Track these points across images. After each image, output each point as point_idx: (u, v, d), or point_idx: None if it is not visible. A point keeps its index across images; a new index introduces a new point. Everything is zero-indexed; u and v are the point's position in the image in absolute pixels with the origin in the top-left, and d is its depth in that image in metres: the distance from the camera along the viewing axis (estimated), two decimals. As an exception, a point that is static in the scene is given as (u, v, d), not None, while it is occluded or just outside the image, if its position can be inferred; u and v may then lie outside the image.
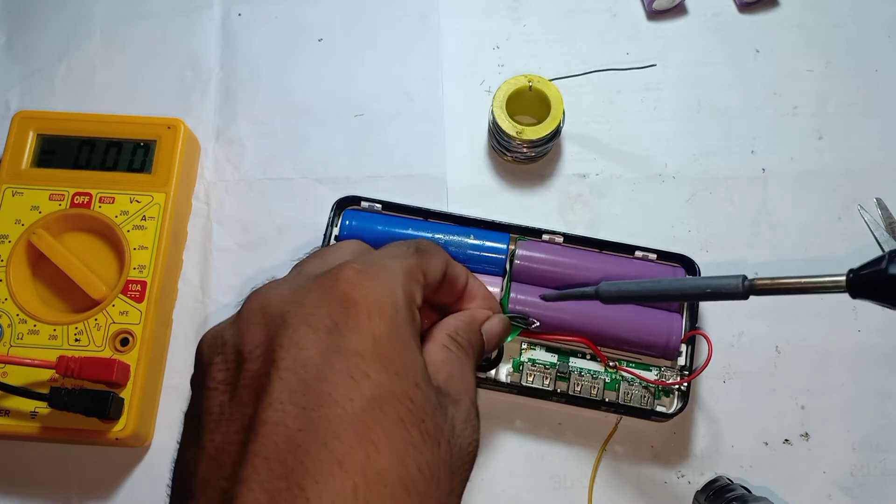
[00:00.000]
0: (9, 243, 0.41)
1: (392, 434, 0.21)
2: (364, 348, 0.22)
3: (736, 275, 0.28)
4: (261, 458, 0.20)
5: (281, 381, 0.21)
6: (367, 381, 0.21)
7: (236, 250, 0.44)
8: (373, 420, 0.21)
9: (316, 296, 0.23)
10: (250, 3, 0.50)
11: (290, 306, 0.23)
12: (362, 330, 0.22)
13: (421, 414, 0.22)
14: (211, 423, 0.21)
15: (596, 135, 0.47)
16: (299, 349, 0.21)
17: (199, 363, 0.24)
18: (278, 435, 0.20)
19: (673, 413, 0.38)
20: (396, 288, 0.24)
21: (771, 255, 0.44)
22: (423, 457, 0.21)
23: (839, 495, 0.40)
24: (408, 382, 0.22)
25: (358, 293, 0.23)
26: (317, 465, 0.19)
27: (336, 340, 0.22)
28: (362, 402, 0.21)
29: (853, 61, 0.48)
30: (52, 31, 0.49)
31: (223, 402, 0.22)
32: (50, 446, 0.40)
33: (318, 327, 0.22)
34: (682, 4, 0.49)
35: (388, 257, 0.25)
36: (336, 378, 0.21)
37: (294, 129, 0.47)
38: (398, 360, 0.22)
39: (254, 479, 0.19)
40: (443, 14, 0.50)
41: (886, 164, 0.46)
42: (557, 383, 0.39)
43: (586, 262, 0.41)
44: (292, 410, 0.20)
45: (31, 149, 0.43)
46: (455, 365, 0.27)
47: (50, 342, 0.39)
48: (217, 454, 0.21)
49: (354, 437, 0.20)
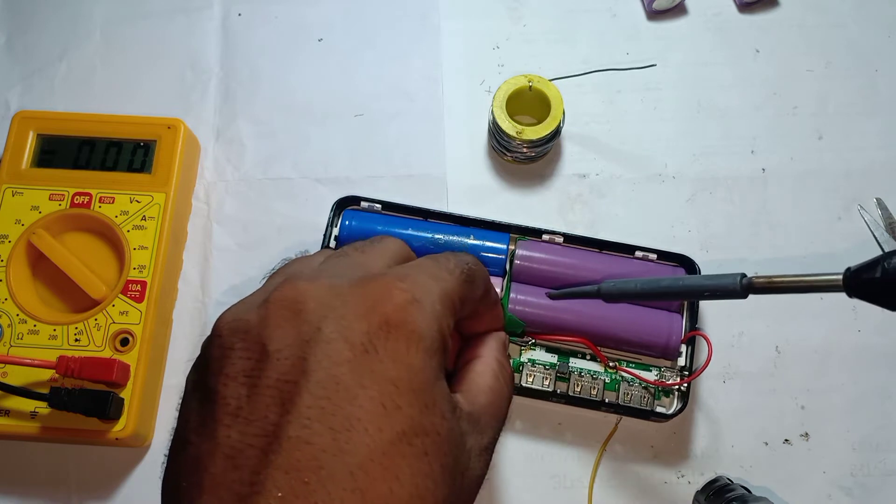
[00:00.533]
0: (9, 243, 0.41)
1: (415, 468, 0.20)
2: (399, 378, 0.21)
3: (734, 273, 0.28)
4: (282, 472, 0.19)
5: (311, 396, 0.20)
6: (399, 412, 0.21)
7: (236, 250, 0.45)
8: (399, 454, 0.20)
9: (356, 307, 0.22)
10: (250, 3, 0.50)
11: (327, 311, 0.22)
12: (400, 359, 0.21)
13: (444, 447, 0.21)
14: (227, 416, 0.21)
15: (596, 135, 0.47)
16: (333, 364, 0.21)
17: (218, 342, 0.23)
18: (302, 452, 0.19)
19: (673, 414, 0.38)
20: (436, 319, 0.23)
21: (771, 255, 0.44)
22: (441, 491, 0.21)
23: (839, 495, 0.40)
24: (436, 415, 0.22)
25: (400, 318, 0.22)
26: (340, 492, 0.19)
27: (372, 363, 0.21)
28: (391, 435, 0.20)
29: (853, 61, 0.48)
30: (52, 31, 0.49)
31: (241, 395, 0.21)
32: (50, 446, 0.40)
33: (356, 345, 0.21)
34: (682, 4, 0.49)
35: (432, 278, 0.24)
36: (368, 404, 0.20)
37: (294, 129, 0.47)
38: (429, 392, 0.22)
39: (273, 492, 0.19)
40: (443, 14, 0.50)
41: (886, 164, 0.46)
42: (557, 384, 0.39)
43: (586, 262, 0.41)
44: (319, 429, 0.20)
45: (31, 149, 0.43)
46: (497, 395, 0.26)
47: (50, 342, 0.39)
48: (233, 454, 0.20)
49: (379, 469, 0.20)
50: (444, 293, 0.24)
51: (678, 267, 0.41)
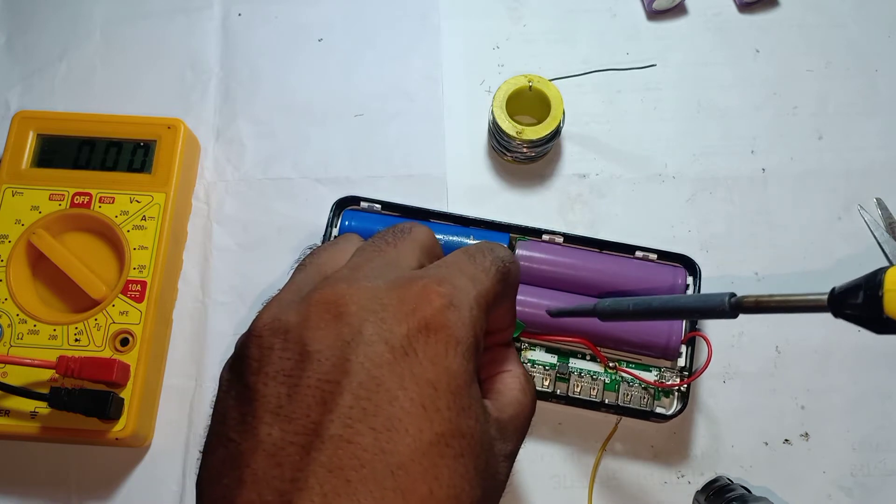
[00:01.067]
0: (9, 243, 0.41)
1: (453, 470, 0.21)
2: (438, 380, 0.21)
3: (723, 293, 0.28)
4: (325, 470, 0.19)
5: (352, 396, 0.20)
6: (438, 415, 0.21)
7: (236, 250, 0.45)
8: (438, 454, 0.20)
9: (395, 311, 0.22)
10: (250, 3, 0.50)
11: (367, 315, 0.22)
12: (439, 362, 0.22)
13: (478, 449, 0.22)
14: (268, 414, 0.21)
15: (596, 135, 0.47)
16: (374, 366, 0.21)
17: (257, 342, 0.23)
18: (345, 450, 0.20)
19: (672, 414, 0.38)
20: (472, 323, 0.23)
21: (771, 254, 0.44)
22: (475, 493, 0.21)
23: (839, 495, 0.40)
24: (471, 418, 0.22)
25: (440, 322, 0.22)
26: (381, 491, 0.19)
27: (412, 366, 0.21)
28: (430, 436, 0.20)
29: (853, 61, 0.48)
30: (52, 31, 0.49)
31: (282, 394, 0.21)
32: (50, 446, 0.40)
33: (396, 347, 0.21)
34: (682, 4, 0.49)
35: (470, 279, 0.24)
36: (408, 406, 0.21)
37: (294, 129, 0.47)
38: (465, 395, 0.22)
39: (316, 489, 0.19)
40: (443, 14, 0.50)
41: (886, 164, 0.46)
42: (557, 384, 0.39)
43: (586, 262, 0.41)
44: (361, 428, 0.20)
45: (31, 149, 0.43)
46: (523, 408, 0.27)
47: (50, 342, 0.39)
48: (275, 451, 0.20)
49: (420, 470, 0.20)
50: (479, 295, 0.24)
51: (679, 267, 0.41)
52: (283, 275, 0.43)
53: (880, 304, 0.23)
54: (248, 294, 0.43)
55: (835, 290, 0.24)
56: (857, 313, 0.24)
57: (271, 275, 0.44)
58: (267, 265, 0.44)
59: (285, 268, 0.44)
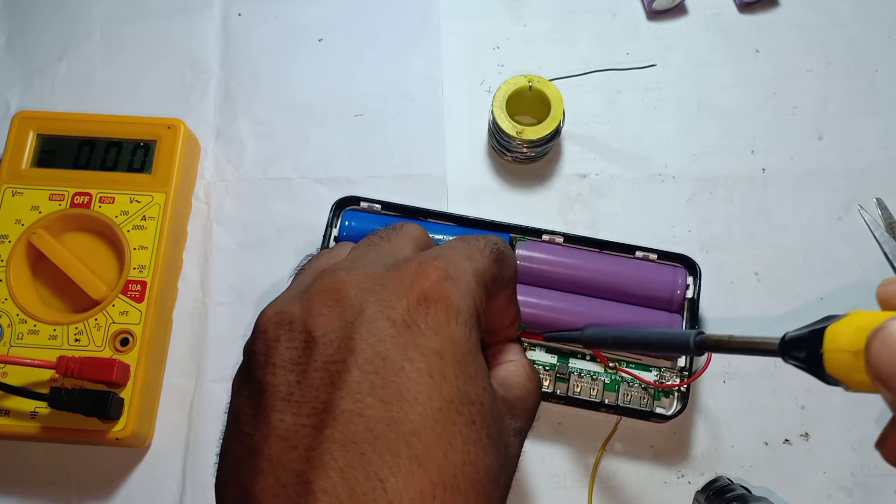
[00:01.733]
0: (9, 243, 0.41)
1: (466, 436, 0.21)
2: (443, 349, 0.22)
3: (690, 331, 0.28)
4: (338, 445, 0.20)
5: (360, 371, 0.21)
6: (445, 382, 0.21)
7: (236, 250, 0.44)
8: (450, 421, 0.21)
9: (395, 288, 0.23)
10: (250, 3, 0.50)
11: (367, 295, 0.22)
12: (441, 330, 0.22)
13: (488, 418, 0.22)
14: (279, 402, 0.21)
15: (596, 135, 0.47)
16: (378, 340, 0.21)
17: (262, 337, 0.23)
18: (356, 424, 0.20)
19: (672, 415, 0.38)
20: (471, 295, 0.23)
21: (771, 254, 0.44)
22: (489, 460, 0.21)
23: (839, 495, 0.40)
24: (479, 386, 0.22)
25: (438, 293, 0.22)
26: (396, 460, 0.20)
27: (415, 337, 0.22)
28: (441, 403, 0.21)
29: (853, 61, 0.48)
30: (52, 31, 0.49)
31: (291, 381, 0.21)
32: (50, 446, 0.40)
33: (398, 321, 0.22)
34: (682, 4, 0.49)
35: (465, 257, 0.25)
36: (416, 376, 0.21)
37: (294, 129, 0.47)
38: (471, 363, 0.22)
39: (332, 465, 0.19)
40: (443, 14, 0.50)
41: (886, 164, 0.46)
42: (557, 384, 0.39)
43: (586, 262, 0.41)
44: (371, 402, 0.20)
45: (31, 149, 0.43)
46: (529, 393, 0.27)
47: (50, 342, 0.39)
48: (288, 435, 0.21)
49: (433, 436, 0.20)
50: (476, 271, 0.25)
51: (679, 267, 0.41)
52: (283, 275, 0.43)
53: (821, 361, 0.22)
54: (248, 294, 0.43)
55: (786, 336, 0.24)
56: (803, 365, 0.23)
57: (271, 275, 0.44)
58: (267, 265, 0.44)
59: (285, 268, 0.44)
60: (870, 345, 0.20)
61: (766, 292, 0.43)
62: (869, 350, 0.20)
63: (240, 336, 0.42)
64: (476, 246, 0.26)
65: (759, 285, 0.44)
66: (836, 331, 0.22)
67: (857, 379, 0.21)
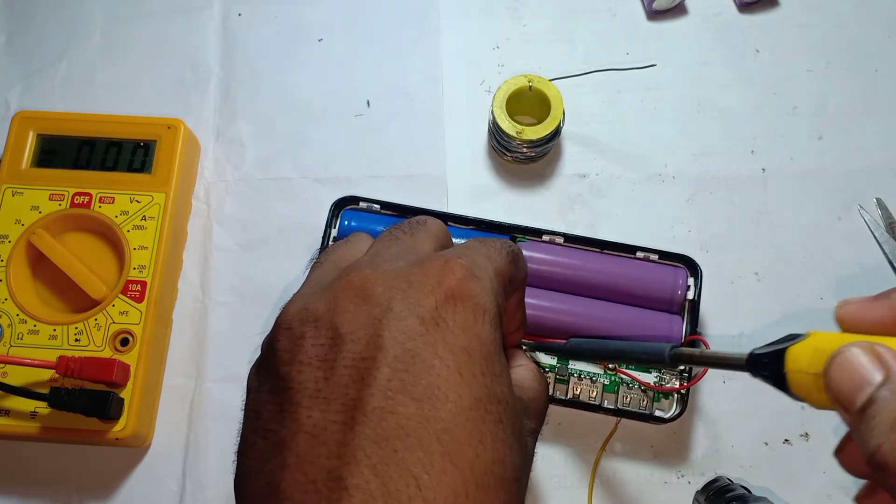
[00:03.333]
0: (9, 243, 0.41)
1: (494, 434, 0.21)
2: (471, 347, 0.22)
3: (665, 345, 0.29)
4: (371, 442, 0.20)
5: (390, 369, 0.21)
6: (474, 380, 0.21)
7: (236, 250, 0.44)
8: (480, 419, 0.21)
9: (421, 285, 0.23)
10: (250, 3, 0.50)
11: (394, 292, 0.22)
12: (469, 328, 0.22)
13: (512, 416, 0.22)
14: (306, 398, 0.21)
15: (596, 135, 0.47)
16: (408, 338, 0.21)
17: (287, 334, 0.23)
18: (388, 421, 0.20)
19: (671, 418, 0.38)
20: (494, 294, 0.24)
21: (771, 254, 0.44)
22: (515, 458, 0.22)
23: (839, 495, 0.40)
24: (504, 385, 0.22)
25: (464, 290, 0.23)
26: (429, 457, 0.20)
27: (444, 335, 0.22)
28: (470, 401, 0.21)
29: (853, 61, 0.48)
30: (52, 31, 0.49)
31: (318, 378, 0.21)
32: (50, 446, 0.40)
33: (426, 319, 0.22)
34: (682, 4, 0.49)
35: (485, 256, 0.25)
36: (445, 373, 0.21)
37: (294, 129, 0.47)
38: (497, 362, 0.22)
39: (365, 461, 0.19)
40: (443, 14, 0.50)
41: (886, 164, 0.46)
42: (557, 386, 0.39)
43: (586, 262, 0.41)
44: (402, 399, 0.20)
45: (31, 149, 0.43)
46: (539, 396, 0.27)
47: (50, 342, 0.39)
48: (316, 431, 0.20)
49: (465, 433, 0.20)
50: (497, 271, 0.25)
51: (679, 267, 0.41)
52: (283, 275, 0.43)
53: (785, 381, 0.23)
54: (248, 294, 0.43)
55: (752, 353, 0.24)
56: (770, 382, 0.24)
57: (271, 275, 0.44)
58: (267, 265, 0.44)
59: (285, 268, 0.44)
60: (828, 369, 0.21)
61: (766, 292, 0.43)
62: (827, 374, 0.21)
63: (240, 336, 0.42)
64: (494, 247, 0.26)
65: (759, 285, 0.44)
66: (796, 352, 0.22)
67: (820, 398, 0.22)
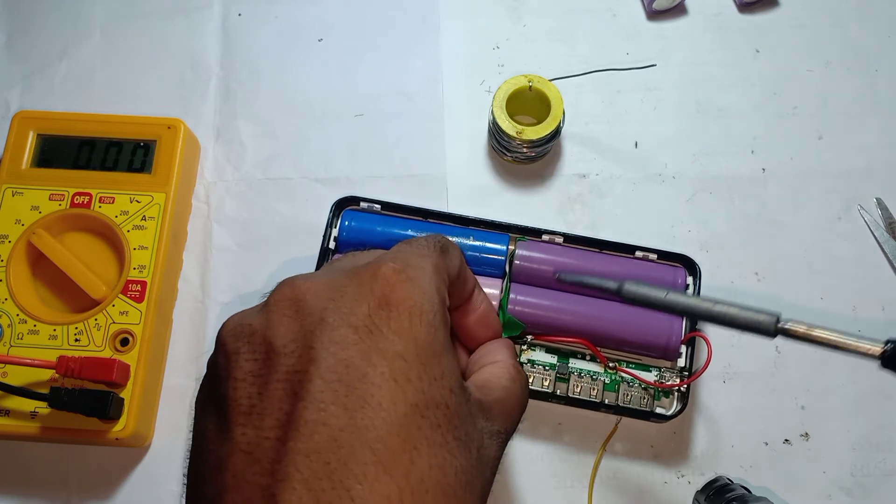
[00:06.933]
0: (9, 243, 0.41)
1: (431, 440, 0.21)
2: (406, 352, 0.21)
3: (771, 312, 0.27)
4: (303, 456, 0.19)
5: (322, 381, 0.20)
6: (410, 385, 0.21)
7: (236, 250, 0.44)
8: (415, 425, 0.21)
9: (354, 293, 0.22)
10: (250, 3, 0.50)
11: (327, 303, 0.22)
12: (404, 333, 0.22)
13: (455, 420, 0.22)
14: (240, 415, 0.21)
15: (596, 135, 0.47)
16: (340, 348, 0.21)
17: (223, 350, 0.23)
18: (320, 434, 0.20)
19: (672, 415, 0.38)
20: (433, 290, 0.23)
21: (771, 254, 0.44)
22: (458, 462, 0.21)
23: (839, 495, 0.40)
24: (444, 388, 0.22)
25: (398, 294, 0.22)
26: (362, 467, 0.19)
27: (378, 342, 0.21)
28: (405, 407, 0.21)
29: (853, 61, 0.48)
30: (52, 31, 0.49)
31: (252, 394, 0.21)
32: (50, 446, 0.40)
33: (359, 327, 0.21)
34: (682, 4, 0.49)
35: (417, 256, 0.25)
36: (379, 381, 0.21)
37: (294, 129, 0.47)
38: (437, 364, 0.22)
39: (297, 477, 0.19)
40: (443, 14, 0.50)
41: (886, 164, 0.46)
42: (557, 384, 0.39)
43: (586, 263, 0.41)
44: (334, 410, 0.20)
45: (31, 149, 0.43)
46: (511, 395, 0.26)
47: (50, 342, 0.39)
48: (251, 449, 0.20)
49: (398, 441, 0.20)
50: (433, 266, 0.25)
51: (679, 267, 0.41)
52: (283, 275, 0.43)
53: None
54: (248, 294, 0.43)
55: (891, 340, 0.23)
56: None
57: (271, 275, 0.44)
58: (267, 265, 0.44)
59: (286, 268, 0.44)
60: None
61: (766, 292, 0.43)
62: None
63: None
64: (423, 244, 0.26)
65: (759, 285, 0.44)
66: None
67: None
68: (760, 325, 0.26)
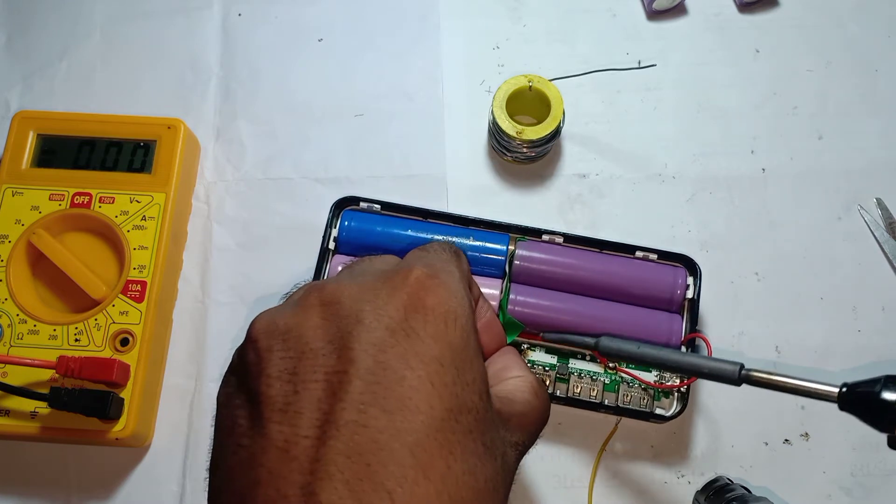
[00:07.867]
0: (9, 243, 0.41)
1: (465, 446, 0.21)
2: (442, 356, 0.22)
3: (734, 362, 0.28)
4: (343, 456, 0.19)
5: (361, 382, 0.21)
6: (446, 389, 0.21)
7: (236, 250, 0.44)
8: (450, 430, 0.21)
9: (388, 296, 0.22)
10: (250, 3, 0.50)
11: (362, 305, 0.22)
12: (440, 337, 0.22)
13: (482, 426, 0.22)
14: (275, 412, 0.21)
15: (596, 135, 0.47)
16: (378, 350, 0.21)
17: (254, 346, 0.23)
18: (360, 435, 0.20)
19: (672, 416, 0.38)
20: (463, 295, 0.23)
21: (771, 254, 0.44)
22: (487, 469, 0.21)
23: (839, 495, 0.40)
24: (475, 393, 0.22)
25: (433, 299, 0.22)
26: (402, 470, 0.19)
27: (415, 345, 0.21)
28: (442, 412, 0.21)
29: (853, 61, 0.48)
30: (52, 31, 0.49)
31: (288, 392, 0.21)
32: (50, 446, 0.40)
33: (396, 330, 0.22)
34: (682, 4, 0.49)
35: (443, 261, 0.25)
36: (417, 384, 0.21)
37: (294, 129, 0.47)
38: (469, 369, 0.22)
39: (338, 476, 0.19)
40: (443, 14, 0.50)
41: (886, 164, 0.46)
42: (557, 385, 0.39)
43: (586, 263, 0.41)
44: (374, 412, 0.20)
45: (31, 149, 0.43)
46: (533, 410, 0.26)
47: (50, 342, 0.39)
48: (287, 447, 0.20)
49: (436, 445, 0.20)
50: (459, 272, 0.25)
51: (679, 267, 0.41)
52: (283, 274, 0.43)
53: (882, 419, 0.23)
54: (248, 294, 0.43)
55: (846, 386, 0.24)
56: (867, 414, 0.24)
57: (271, 275, 0.44)
58: (267, 265, 0.44)
59: (286, 268, 0.44)
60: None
61: (766, 292, 0.43)
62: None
63: (240, 336, 0.42)
64: (444, 249, 0.26)
65: (759, 285, 0.44)
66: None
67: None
68: (725, 374, 0.29)
